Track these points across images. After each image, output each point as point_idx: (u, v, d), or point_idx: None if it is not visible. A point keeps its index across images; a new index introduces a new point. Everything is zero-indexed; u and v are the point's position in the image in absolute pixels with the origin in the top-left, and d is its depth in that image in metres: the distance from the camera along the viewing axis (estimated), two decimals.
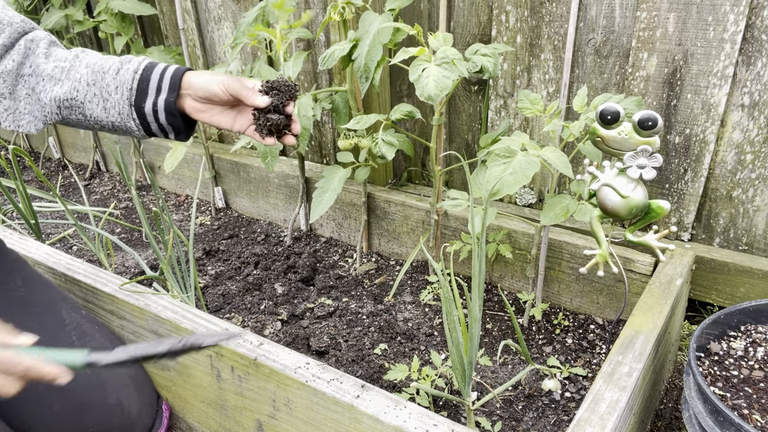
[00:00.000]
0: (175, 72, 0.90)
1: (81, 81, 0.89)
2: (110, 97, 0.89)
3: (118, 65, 0.90)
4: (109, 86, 0.89)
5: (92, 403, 0.94)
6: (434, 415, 0.76)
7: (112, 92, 0.89)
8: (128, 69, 0.89)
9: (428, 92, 0.98)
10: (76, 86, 0.89)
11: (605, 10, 1.18)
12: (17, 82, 0.89)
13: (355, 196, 1.56)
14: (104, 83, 0.89)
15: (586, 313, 1.29)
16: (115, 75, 0.89)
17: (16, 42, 0.90)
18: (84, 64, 0.91)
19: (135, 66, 0.89)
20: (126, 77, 0.89)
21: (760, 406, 0.79)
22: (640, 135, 0.82)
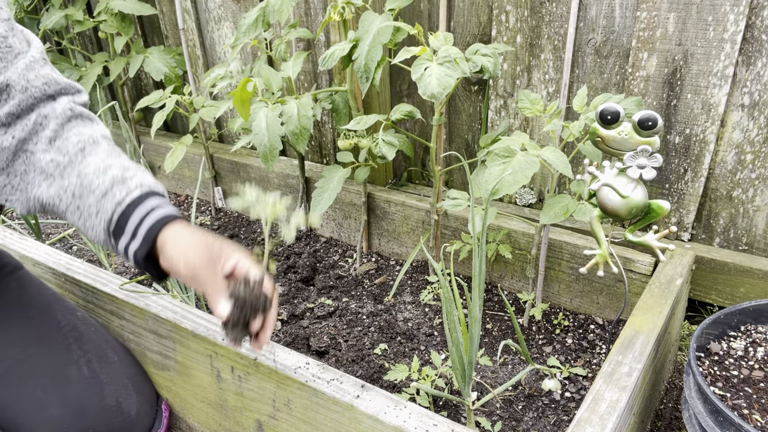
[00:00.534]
0: (156, 223, 0.79)
1: (67, 191, 0.80)
2: (90, 219, 0.80)
3: (106, 186, 0.79)
4: (90, 207, 0.79)
5: (91, 404, 0.94)
6: (434, 415, 0.76)
7: (92, 214, 0.80)
8: (114, 197, 0.79)
9: (431, 91, 0.98)
10: (60, 194, 0.80)
11: (605, 10, 1.18)
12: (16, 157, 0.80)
13: (355, 196, 1.56)
14: (87, 202, 0.79)
15: (586, 313, 1.29)
16: (100, 198, 0.79)
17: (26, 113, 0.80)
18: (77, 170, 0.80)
19: (121, 196, 0.78)
20: (107, 207, 0.78)
21: (760, 406, 0.79)
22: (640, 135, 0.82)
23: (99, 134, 0.83)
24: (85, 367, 0.95)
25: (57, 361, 0.93)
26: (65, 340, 0.96)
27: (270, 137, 1.20)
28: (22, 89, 0.78)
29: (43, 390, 0.91)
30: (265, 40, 1.44)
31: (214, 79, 1.44)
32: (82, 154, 0.80)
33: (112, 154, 0.82)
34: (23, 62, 0.79)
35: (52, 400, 0.91)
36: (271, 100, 1.26)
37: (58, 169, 0.79)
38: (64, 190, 0.79)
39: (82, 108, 0.85)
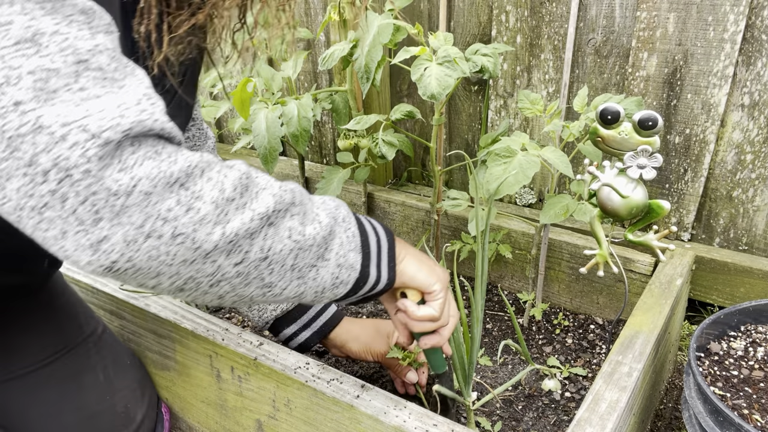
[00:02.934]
0: (330, 319, 0.93)
1: None
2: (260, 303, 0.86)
3: None
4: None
5: (102, 412, 0.93)
6: (434, 415, 0.76)
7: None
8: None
9: (431, 91, 0.98)
10: None
11: (605, 10, 1.18)
12: None
13: (355, 196, 1.56)
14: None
15: (586, 313, 1.29)
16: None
17: None
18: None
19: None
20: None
21: (760, 406, 0.79)
22: (640, 135, 0.82)
23: None
24: (101, 374, 0.95)
25: (76, 366, 0.93)
26: (86, 345, 0.95)
27: (270, 139, 1.20)
28: None
29: (60, 395, 0.90)
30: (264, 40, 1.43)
31: (214, 80, 1.44)
32: None
33: None
34: (210, 142, 0.90)
35: (67, 406, 0.90)
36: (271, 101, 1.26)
37: None
38: None
39: None
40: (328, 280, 0.63)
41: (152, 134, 0.49)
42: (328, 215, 0.63)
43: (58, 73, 0.44)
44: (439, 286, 0.75)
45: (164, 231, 0.47)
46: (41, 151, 0.43)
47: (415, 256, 0.75)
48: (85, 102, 0.45)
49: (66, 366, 0.91)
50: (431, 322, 0.76)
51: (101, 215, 0.45)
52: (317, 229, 0.60)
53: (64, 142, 0.43)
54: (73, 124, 0.43)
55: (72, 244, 0.45)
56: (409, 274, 0.73)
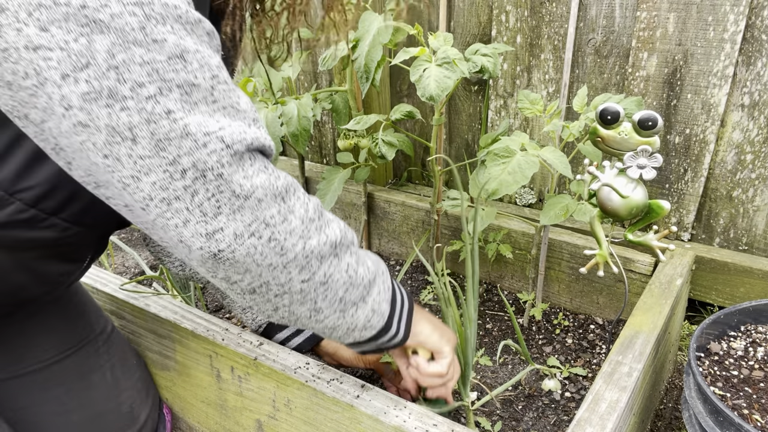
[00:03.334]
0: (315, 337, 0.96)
1: None
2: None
3: None
4: None
5: (108, 410, 0.93)
6: (434, 415, 0.76)
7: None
8: None
9: (429, 92, 0.98)
10: None
11: (605, 10, 1.18)
12: None
13: (355, 196, 1.56)
14: None
15: (586, 313, 1.29)
16: None
17: None
18: None
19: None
20: None
21: (760, 406, 0.79)
22: (640, 135, 0.82)
23: None
24: (108, 373, 0.95)
25: (86, 365, 0.93)
26: (96, 343, 0.95)
27: None
28: None
29: (67, 393, 0.90)
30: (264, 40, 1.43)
31: None
32: None
33: None
34: None
35: (74, 405, 0.90)
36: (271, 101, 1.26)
37: None
38: None
39: None
40: (362, 320, 0.69)
41: (261, 149, 0.57)
42: (373, 264, 0.70)
43: (198, 88, 0.51)
44: (448, 349, 0.82)
45: (264, 233, 0.56)
46: (185, 153, 0.50)
47: (429, 320, 0.82)
48: (216, 113, 0.52)
49: (76, 364, 0.92)
50: (439, 378, 0.83)
51: (222, 210, 0.53)
52: (366, 273, 0.67)
53: (205, 149, 0.51)
54: (213, 134, 0.51)
55: (190, 231, 0.53)
56: (425, 335, 0.80)
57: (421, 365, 0.83)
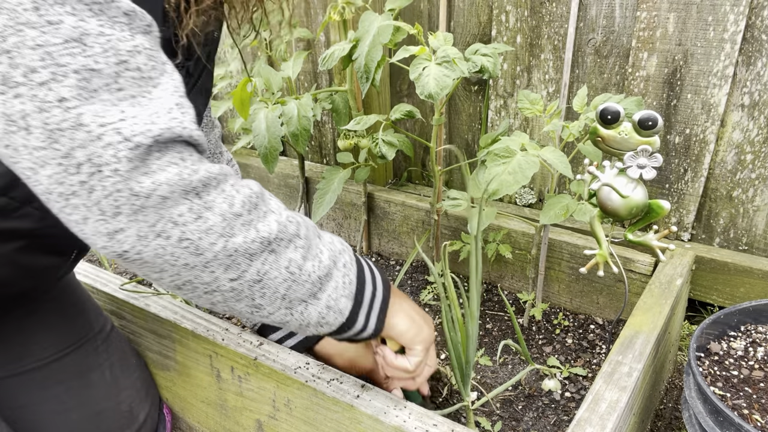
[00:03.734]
0: (310, 336, 0.92)
1: None
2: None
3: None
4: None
5: (107, 409, 0.93)
6: (434, 415, 0.76)
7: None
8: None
9: (429, 91, 0.98)
10: None
11: (605, 10, 1.18)
12: None
13: (355, 195, 1.56)
14: None
15: (586, 313, 1.29)
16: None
17: None
18: None
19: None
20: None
21: (760, 406, 0.79)
22: (640, 135, 0.82)
23: None
24: (108, 372, 0.95)
25: (85, 363, 0.93)
26: (95, 342, 0.95)
27: (270, 138, 1.20)
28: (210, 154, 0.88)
29: (67, 392, 0.90)
30: (265, 40, 1.44)
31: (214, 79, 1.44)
32: None
33: None
34: (217, 131, 0.90)
35: (73, 404, 0.90)
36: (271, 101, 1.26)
37: None
38: None
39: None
40: (314, 317, 0.65)
41: (180, 140, 0.52)
42: (330, 257, 0.65)
43: (100, 74, 0.47)
44: (420, 347, 0.79)
45: (172, 233, 0.51)
46: (78, 146, 0.46)
47: (407, 312, 0.78)
48: (121, 102, 0.48)
49: (75, 362, 0.92)
50: (404, 372, 0.81)
51: (121, 210, 0.49)
52: (316, 268, 0.62)
53: (99, 141, 0.47)
54: (109, 126, 0.47)
55: (91, 229, 0.50)
56: (398, 329, 0.77)
57: (387, 357, 0.81)
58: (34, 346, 0.88)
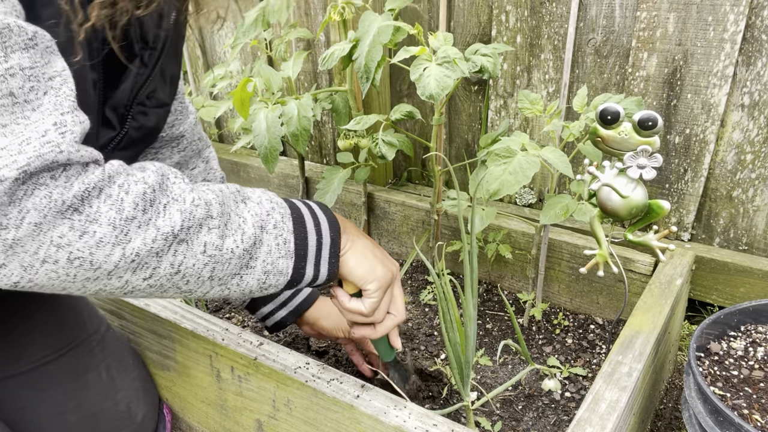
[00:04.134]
0: (306, 299, 0.93)
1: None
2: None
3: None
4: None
5: (105, 411, 0.93)
6: (434, 415, 0.76)
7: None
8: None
9: (429, 91, 0.98)
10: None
11: (605, 10, 1.18)
12: None
13: (354, 196, 1.56)
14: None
15: (586, 313, 1.29)
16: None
17: (188, 162, 0.93)
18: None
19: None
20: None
21: (760, 406, 0.79)
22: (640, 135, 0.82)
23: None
24: (104, 372, 0.95)
25: (80, 364, 0.93)
26: (89, 343, 0.95)
27: (270, 138, 1.20)
28: (189, 141, 0.87)
29: (63, 393, 0.90)
30: (265, 40, 1.44)
31: (214, 80, 1.44)
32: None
33: None
34: (192, 117, 0.88)
35: (70, 405, 0.90)
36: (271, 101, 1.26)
37: None
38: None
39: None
40: (254, 284, 0.64)
41: (55, 165, 0.48)
42: (255, 224, 0.62)
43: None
44: (373, 286, 0.74)
45: (59, 257, 0.48)
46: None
47: (360, 249, 0.74)
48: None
49: (70, 363, 0.92)
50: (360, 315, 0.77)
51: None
52: (238, 242, 0.60)
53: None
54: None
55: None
56: (348, 267, 0.73)
57: (339, 298, 0.77)
58: (29, 348, 0.88)
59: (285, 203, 0.69)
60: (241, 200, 0.64)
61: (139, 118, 0.76)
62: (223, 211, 0.60)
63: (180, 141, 0.87)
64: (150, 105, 0.77)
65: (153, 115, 0.78)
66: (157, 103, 0.78)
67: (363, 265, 0.73)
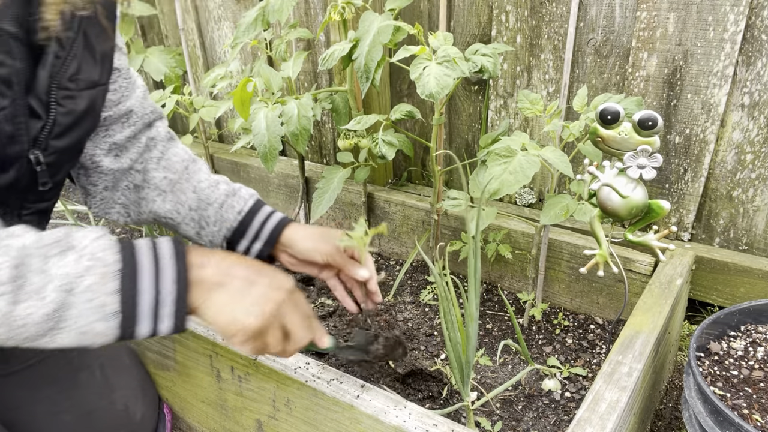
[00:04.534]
0: (276, 226, 0.90)
1: (184, 205, 0.90)
2: (207, 227, 0.90)
3: (222, 198, 0.90)
4: (209, 218, 0.90)
5: (101, 408, 0.93)
6: (434, 415, 0.76)
7: (210, 224, 0.90)
8: (232, 207, 0.90)
9: (429, 90, 0.98)
10: (178, 209, 0.90)
11: (605, 10, 1.18)
12: (123, 177, 0.89)
13: (355, 196, 1.56)
14: (205, 214, 0.90)
15: (586, 313, 1.29)
16: (218, 209, 0.90)
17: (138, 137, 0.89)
18: (191, 186, 0.91)
19: (240, 206, 0.90)
20: (228, 216, 0.89)
21: (760, 406, 0.79)
22: (640, 135, 0.82)
23: (191, 152, 0.94)
24: (98, 371, 0.94)
25: (72, 363, 0.93)
26: None
27: (270, 138, 1.20)
28: (139, 116, 0.87)
29: (58, 393, 0.90)
30: (265, 40, 1.44)
31: (214, 79, 1.44)
32: (187, 172, 0.91)
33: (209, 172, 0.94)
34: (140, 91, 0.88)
35: (66, 404, 0.90)
36: (271, 100, 1.26)
37: (171, 184, 0.90)
38: (182, 204, 0.90)
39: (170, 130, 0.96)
40: (72, 342, 0.60)
41: None
42: (61, 287, 0.57)
43: None
44: (238, 339, 0.66)
45: None
46: None
47: (226, 295, 0.65)
48: None
49: (63, 363, 0.92)
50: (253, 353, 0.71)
51: None
52: (35, 307, 0.56)
53: None
54: None
55: None
56: (209, 317, 0.65)
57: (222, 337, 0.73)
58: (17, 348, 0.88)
59: (118, 255, 0.61)
60: (58, 253, 0.59)
61: (66, 103, 0.72)
62: (18, 274, 0.56)
63: (129, 116, 0.86)
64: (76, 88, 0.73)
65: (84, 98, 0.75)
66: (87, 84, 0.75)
67: (224, 314, 0.65)
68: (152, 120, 0.91)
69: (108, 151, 0.87)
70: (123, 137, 0.86)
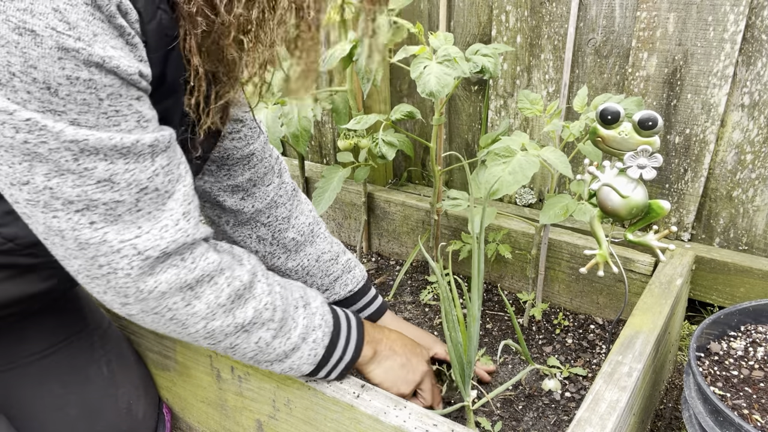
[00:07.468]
0: (374, 313, 1.04)
1: (305, 268, 0.99)
2: (314, 286, 1.01)
3: (339, 273, 1.01)
4: (321, 285, 1.01)
5: (105, 407, 0.93)
6: (434, 415, 0.76)
7: (319, 287, 1.01)
8: (345, 285, 1.02)
9: (430, 89, 0.98)
10: (297, 269, 0.99)
11: (605, 10, 1.18)
12: (250, 224, 0.97)
13: (355, 195, 1.56)
14: (319, 282, 1.00)
15: (586, 313, 1.29)
16: (333, 282, 1.01)
17: (261, 184, 0.95)
18: (315, 254, 1.00)
19: (352, 286, 1.02)
20: (339, 291, 1.01)
21: (760, 406, 0.79)
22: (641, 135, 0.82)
23: (315, 212, 1.03)
24: (105, 368, 0.95)
25: (80, 358, 0.93)
26: (90, 338, 0.95)
27: (270, 138, 1.20)
28: (260, 159, 0.93)
29: (64, 387, 0.90)
30: None
31: None
32: (312, 235, 1.00)
33: (329, 235, 1.03)
34: (263, 138, 0.96)
35: (71, 399, 0.90)
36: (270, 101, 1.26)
37: (296, 247, 0.98)
38: (302, 267, 0.99)
39: (294, 182, 1.02)
40: (278, 371, 0.80)
41: (182, 248, 0.65)
42: (300, 335, 0.78)
43: (123, 203, 0.61)
44: (404, 394, 0.90)
45: (166, 314, 0.68)
46: (101, 255, 0.62)
47: (386, 366, 0.89)
48: (139, 219, 0.62)
49: (69, 357, 0.92)
50: None
51: (128, 300, 0.65)
52: (283, 344, 0.77)
53: (118, 254, 0.62)
54: (127, 242, 0.62)
55: (109, 299, 0.66)
56: (375, 380, 0.89)
57: None
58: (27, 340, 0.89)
59: (332, 320, 0.83)
60: (302, 305, 0.80)
61: None
62: (283, 317, 0.77)
63: (250, 159, 0.92)
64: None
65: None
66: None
67: (388, 381, 0.89)
68: (273, 169, 0.96)
69: (232, 192, 0.93)
70: (244, 179, 0.92)
